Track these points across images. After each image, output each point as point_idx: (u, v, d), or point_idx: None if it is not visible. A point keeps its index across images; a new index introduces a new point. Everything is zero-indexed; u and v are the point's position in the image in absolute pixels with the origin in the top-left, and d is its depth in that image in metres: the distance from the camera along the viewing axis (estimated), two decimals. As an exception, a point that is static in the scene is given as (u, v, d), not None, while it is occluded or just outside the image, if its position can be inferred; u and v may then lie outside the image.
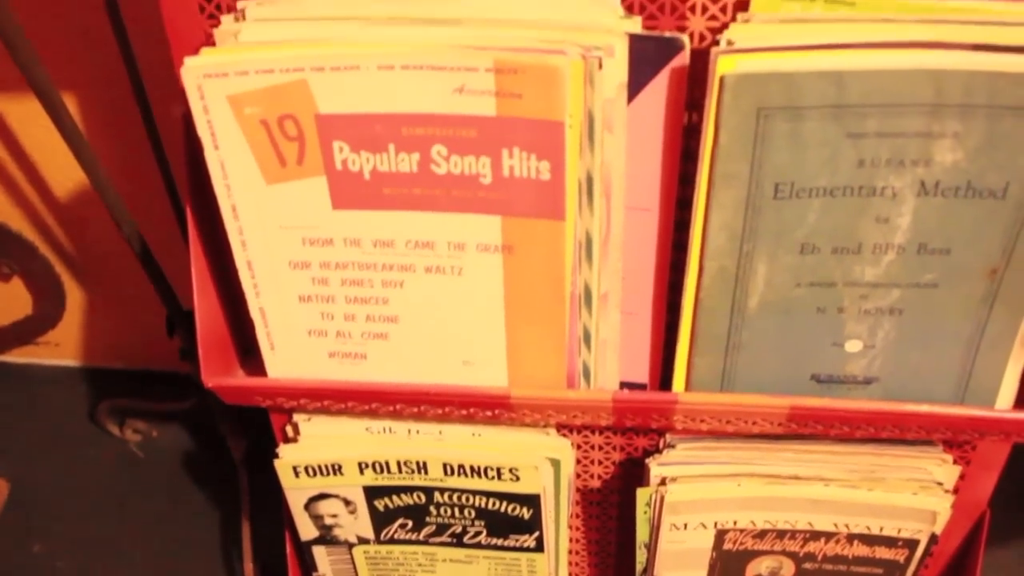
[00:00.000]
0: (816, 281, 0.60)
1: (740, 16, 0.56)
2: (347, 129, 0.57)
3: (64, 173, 1.02)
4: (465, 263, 0.61)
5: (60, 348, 1.26)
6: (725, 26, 0.56)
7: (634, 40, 0.54)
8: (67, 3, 0.88)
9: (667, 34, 0.55)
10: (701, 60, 0.54)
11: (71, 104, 0.94)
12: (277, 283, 0.65)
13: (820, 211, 0.57)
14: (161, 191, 0.87)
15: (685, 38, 0.54)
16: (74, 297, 1.18)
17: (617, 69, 0.55)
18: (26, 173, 1.03)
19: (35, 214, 1.08)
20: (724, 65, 0.52)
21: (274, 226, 0.62)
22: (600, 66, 0.53)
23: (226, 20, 0.60)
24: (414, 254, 0.61)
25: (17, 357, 1.29)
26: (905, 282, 0.60)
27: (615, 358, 0.66)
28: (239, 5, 0.59)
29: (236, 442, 1.05)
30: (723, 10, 0.56)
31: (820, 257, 0.59)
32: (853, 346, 0.63)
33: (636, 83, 0.56)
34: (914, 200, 0.56)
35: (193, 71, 0.56)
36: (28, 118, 0.97)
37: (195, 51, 0.61)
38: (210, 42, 0.61)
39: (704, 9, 0.56)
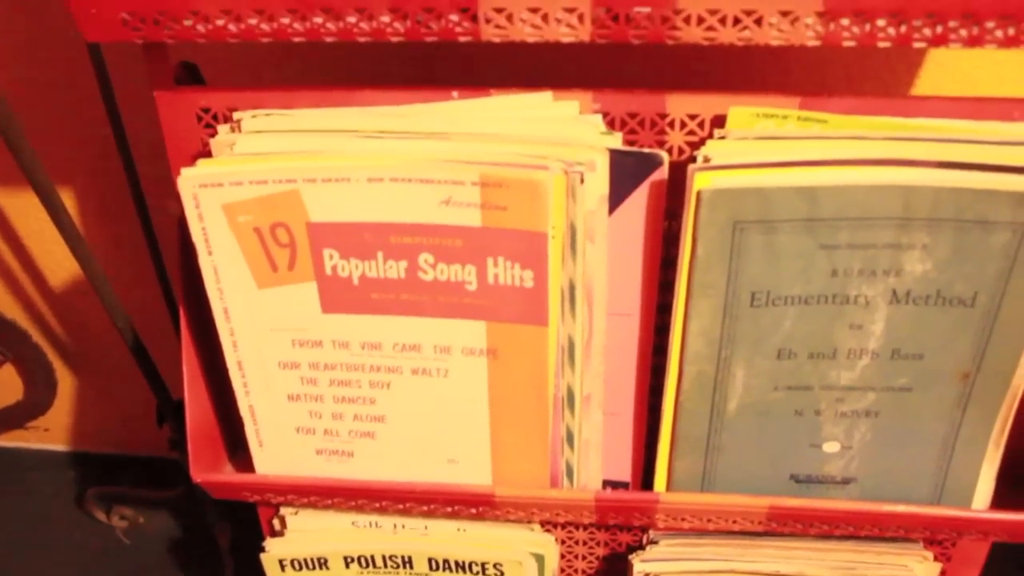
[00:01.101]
0: (793, 385, 0.62)
1: (717, 132, 0.58)
2: (337, 237, 0.59)
3: (59, 263, 1.04)
4: (451, 366, 0.62)
5: (50, 433, 1.26)
6: (703, 141, 0.59)
7: (615, 155, 0.57)
8: (67, 101, 0.90)
9: (646, 150, 0.57)
10: (680, 172, 0.56)
11: (69, 197, 0.96)
12: (267, 382, 0.66)
13: (796, 318, 0.59)
14: (154, 282, 0.89)
15: (664, 154, 0.57)
16: (65, 383, 1.19)
17: (598, 183, 0.57)
18: (22, 262, 1.05)
19: (29, 302, 1.09)
20: (701, 181, 0.54)
21: (265, 328, 0.63)
22: (582, 180, 0.55)
23: (222, 130, 0.62)
24: (401, 357, 0.63)
25: (6, 441, 1.29)
26: (880, 386, 0.61)
27: (598, 457, 0.67)
28: (235, 116, 0.62)
29: (223, 530, 1.05)
30: (700, 126, 0.59)
31: (797, 362, 0.60)
32: (831, 447, 0.64)
33: (617, 195, 0.58)
34: (886, 308, 0.58)
35: (189, 181, 0.58)
36: (26, 210, 0.99)
37: (192, 157, 0.64)
38: (206, 149, 0.63)
39: (683, 125, 0.59)
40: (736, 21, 0.50)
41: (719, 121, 0.58)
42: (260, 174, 0.57)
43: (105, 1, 0.54)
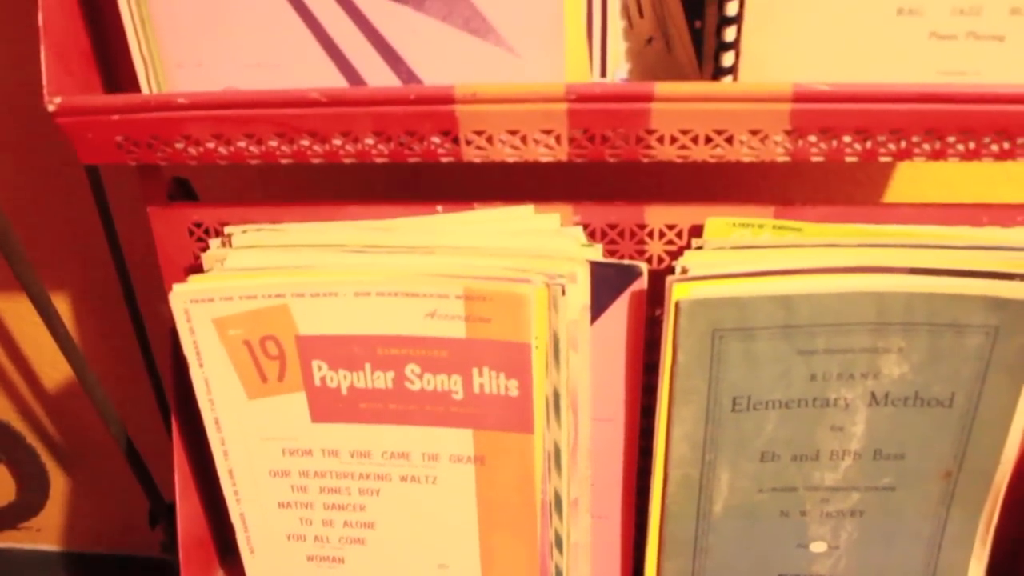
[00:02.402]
0: (778, 487, 0.62)
1: (695, 241, 0.60)
2: (326, 349, 0.60)
3: (53, 365, 1.05)
4: (439, 473, 0.63)
5: (42, 533, 1.26)
6: (681, 250, 0.60)
7: (595, 267, 0.58)
8: (63, 210, 0.92)
9: (626, 261, 0.59)
10: (661, 279, 0.58)
11: (64, 302, 0.98)
12: (257, 490, 0.66)
13: (777, 422, 0.60)
14: (147, 385, 0.90)
15: (643, 265, 0.58)
16: (57, 484, 1.19)
17: (580, 294, 0.58)
18: (16, 364, 1.06)
19: (23, 404, 1.10)
20: (679, 292, 0.55)
21: (255, 438, 0.64)
22: (563, 292, 0.57)
23: (213, 244, 0.63)
24: (390, 464, 0.64)
25: (-3, 541, 1.29)
26: (863, 485, 0.62)
27: (587, 561, 0.68)
28: (226, 230, 0.63)
29: (215, 632, 1.04)
30: (679, 235, 0.60)
31: (780, 464, 0.61)
32: (818, 547, 0.65)
33: (599, 305, 0.59)
34: (866, 410, 0.59)
35: (181, 296, 0.59)
36: (20, 312, 1.00)
37: (184, 269, 0.65)
38: (198, 262, 0.65)
39: (661, 234, 0.61)
40: (708, 139, 0.52)
41: (697, 230, 0.60)
42: (250, 289, 0.58)
43: (100, 126, 0.55)
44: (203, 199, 0.68)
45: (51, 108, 0.55)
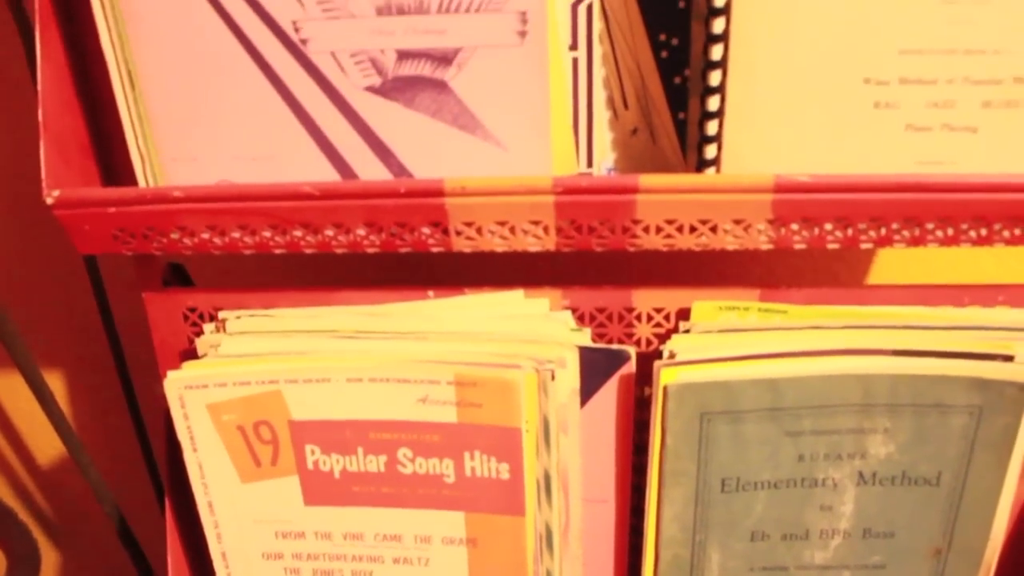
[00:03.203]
0: (768, 566, 0.63)
1: (682, 324, 0.61)
2: (318, 434, 0.61)
3: (46, 441, 1.05)
4: (431, 555, 0.64)
5: (32, 609, 1.25)
6: (669, 333, 0.61)
7: (584, 352, 0.59)
8: (58, 291, 0.93)
9: (614, 346, 0.59)
10: (649, 361, 0.58)
11: (58, 380, 0.98)
12: (251, 573, 0.67)
13: (766, 502, 0.60)
14: (140, 463, 0.90)
15: (631, 350, 0.59)
16: (49, 561, 1.18)
17: (569, 378, 0.59)
18: (9, 440, 1.06)
19: (15, 480, 1.10)
20: (667, 376, 0.56)
21: (248, 520, 0.64)
22: (553, 377, 0.58)
23: (208, 328, 0.64)
24: (382, 546, 0.64)
25: (-13, 617, 1.27)
26: (854, 564, 0.62)
27: (580, 641, 0.68)
28: (220, 315, 0.64)
29: None
30: (666, 318, 0.61)
31: (770, 543, 0.62)
32: (810, 626, 0.65)
33: (588, 388, 0.60)
34: (854, 489, 0.60)
35: (175, 383, 0.60)
36: (14, 388, 1.01)
37: (179, 353, 0.66)
38: (192, 346, 0.65)
39: (649, 318, 0.61)
40: (693, 229, 0.53)
41: (684, 313, 0.61)
42: (243, 376, 0.59)
43: (97, 219, 0.56)
44: (198, 283, 0.69)
45: (49, 201, 0.56)
